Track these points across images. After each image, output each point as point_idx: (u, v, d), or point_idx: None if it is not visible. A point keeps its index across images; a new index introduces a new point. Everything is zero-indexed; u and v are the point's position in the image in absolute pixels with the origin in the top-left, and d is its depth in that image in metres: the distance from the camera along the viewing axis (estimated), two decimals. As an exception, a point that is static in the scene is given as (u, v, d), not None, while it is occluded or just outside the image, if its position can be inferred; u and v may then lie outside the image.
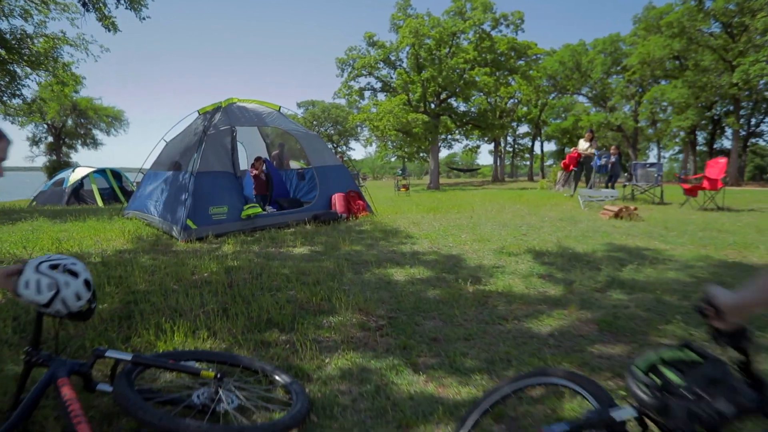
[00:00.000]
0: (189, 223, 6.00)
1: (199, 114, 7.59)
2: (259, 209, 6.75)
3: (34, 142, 39.27)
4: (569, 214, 8.51)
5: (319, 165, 7.79)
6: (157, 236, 6.33)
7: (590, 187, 10.97)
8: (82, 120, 39.16)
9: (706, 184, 9.43)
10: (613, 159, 11.03)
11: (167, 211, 6.55)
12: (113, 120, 40.37)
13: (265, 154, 9.40)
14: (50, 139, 39.24)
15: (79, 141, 40.63)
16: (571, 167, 12.15)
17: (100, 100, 39.10)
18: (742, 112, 33.50)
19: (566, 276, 4.17)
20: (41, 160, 39.73)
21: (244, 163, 8.83)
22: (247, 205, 6.65)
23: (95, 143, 40.63)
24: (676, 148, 46.47)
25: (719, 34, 24.26)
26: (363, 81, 26.39)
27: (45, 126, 38.24)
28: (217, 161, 6.64)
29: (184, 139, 7.53)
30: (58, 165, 34.95)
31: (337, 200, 7.52)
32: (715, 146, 37.66)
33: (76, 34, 13.20)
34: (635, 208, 7.58)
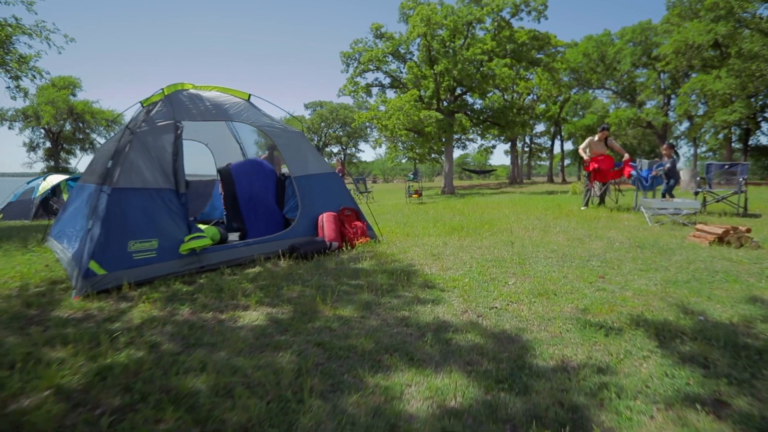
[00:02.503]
0: (93, 266, 3.95)
1: (143, 106, 5.55)
2: (208, 240, 4.66)
3: (32, 147, 37.92)
4: (642, 235, 6.30)
5: (300, 174, 5.69)
6: (53, 283, 4.29)
7: (664, 196, 8.66)
8: (80, 124, 37.68)
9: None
10: (668, 164, 8.70)
11: (75, 245, 4.53)
12: (112, 123, 38.83)
13: (236, 158, 7.31)
14: (48, 144, 37.85)
15: (78, 146, 39.18)
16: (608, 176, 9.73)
17: (98, 104, 37.61)
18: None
19: (752, 405, 2.01)
20: (39, 166, 38.41)
21: (205, 169, 6.78)
22: (190, 235, 4.57)
23: (93, 148, 39.13)
24: (704, 146, 43.65)
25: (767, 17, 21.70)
26: (370, 77, 24.36)
27: (42, 131, 36.84)
28: (148, 172, 4.58)
29: (115, 140, 5.51)
30: (56, 171, 33.53)
31: (326, 223, 5.42)
32: (750, 142, 34.93)
33: (35, 21, 11.35)
34: (748, 230, 5.36)
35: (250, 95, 5.91)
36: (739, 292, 3.64)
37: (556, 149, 49.33)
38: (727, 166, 8.60)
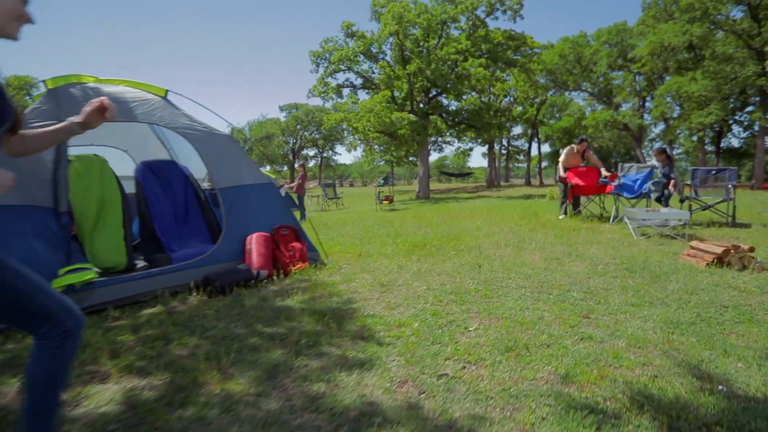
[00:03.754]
0: None
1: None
2: (92, 274, 3.64)
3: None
4: (628, 252, 5.51)
5: (227, 185, 4.71)
6: None
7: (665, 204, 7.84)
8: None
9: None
10: (673, 175, 7.95)
11: None
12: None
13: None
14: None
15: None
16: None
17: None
18: (749, 108, 31.03)
19: None
20: None
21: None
22: (68, 267, 3.56)
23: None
24: (679, 148, 43.95)
25: (742, 18, 21.56)
26: (341, 77, 23.36)
27: None
28: (18, 186, 3.53)
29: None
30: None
31: (254, 246, 4.45)
32: (722, 145, 35.17)
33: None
34: (750, 248, 4.60)
35: (167, 91, 4.91)
36: (759, 340, 2.83)
37: (534, 152, 49.23)
38: (714, 172, 7.93)
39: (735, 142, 37.72)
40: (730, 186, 7.67)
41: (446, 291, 3.97)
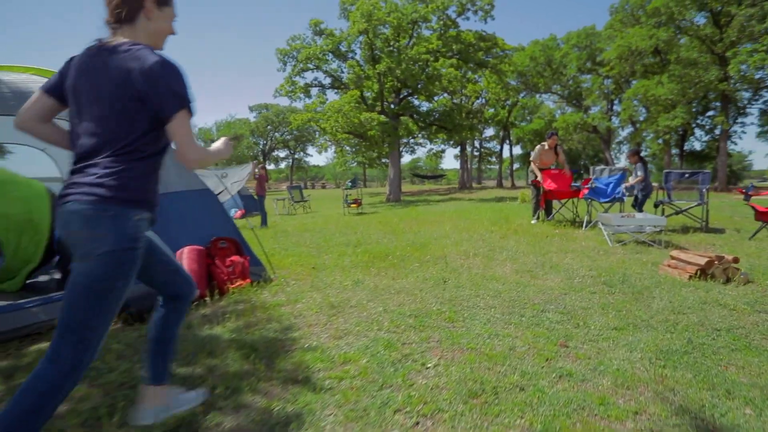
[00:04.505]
0: None
1: None
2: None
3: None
4: (604, 262, 5.11)
5: (154, 191, 4.05)
6: None
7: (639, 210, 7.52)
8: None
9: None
10: (640, 173, 7.63)
11: None
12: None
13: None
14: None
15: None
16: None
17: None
18: (711, 113, 31.90)
19: None
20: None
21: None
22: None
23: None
24: (646, 150, 44.90)
25: (705, 24, 21.97)
26: (310, 76, 22.65)
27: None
28: None
29: None
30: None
31: (184, 263, 3.82)
32: (685, 148, 36.03)
33: None
34: (735, 259, 4.25)
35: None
36: (763, 374, 2.41)
37: (505, 153, 49.56)
38: (687, 175, 7.70)
39: (697, 145, 38.71)
40: (703, 190, 7.44)
41: (405, 313, 3.44)
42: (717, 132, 31.42)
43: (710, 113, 32.25)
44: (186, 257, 3.84)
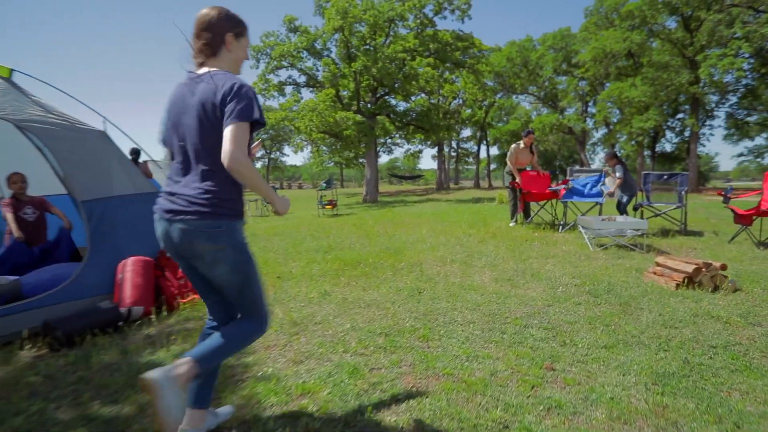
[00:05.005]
0: None
1: None
2: None
3: None
4: (587, 269, 4.88)
5: (93, 197, 3.61)
6: None
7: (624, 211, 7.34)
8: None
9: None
10: (619, 174, 7.45)
11: None
12: None
13: (35, 168, 5.00)
14: None
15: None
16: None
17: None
18: (681, 115, 32.66)
19: None
20: None
21: None
22: None
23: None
24: (620, 152, 45.74)
25: (676, 28, 22.34)
26: (284, 74, 22.08)
27: None
28: None
29: None
30: None
31: (128, 275, 3.40)
32: (656, 149, 36.78)
33: None
34: (722, 266, 4.05)
35: (12, 71, 3.76)
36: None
37: (482, 154, 49.79)
38: (665, 177, 7.59)
39: (668, 147, 39.58)
40: (682, 192, 7.33)
41: (375, 331, 3.10)
42: (686, 134, 32.20)
43: (680, 116, 33.02)
44: (129, 270, 3.41)
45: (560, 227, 7.64)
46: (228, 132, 1.64)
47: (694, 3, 20.40)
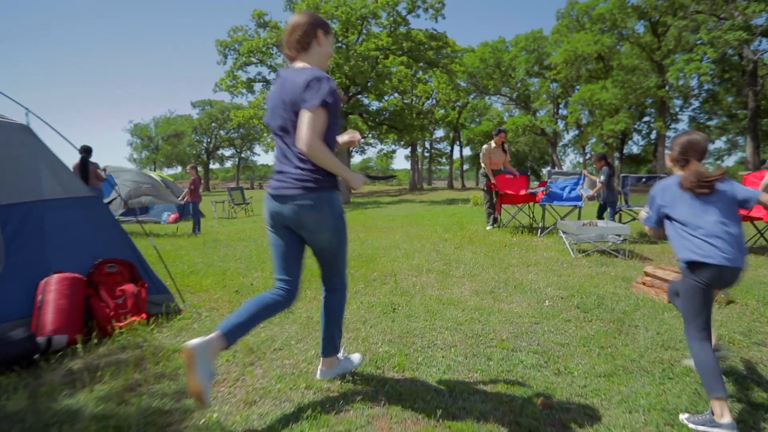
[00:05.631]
0: None
1: None
2: None
3: None
4: (572, 278, 4.59)
5: (10, 201, 3.07)
6: None
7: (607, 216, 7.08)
8: None
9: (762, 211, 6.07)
10: (602, 177, 7.21)
11: None
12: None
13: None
14: None
15: None
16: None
17: None
18: (647, 118, 33.51)
19: None
20: None
21: None
22: None
23: None
24: (582, 156, 46.66)
25: (644, 33, 22.72)
26: (253, 71, 21.36)
27: None
28: None
29: None
30: None
31: (48, 296, 2.87)
32: (624, 151, 37.61)
33: None
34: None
35: None
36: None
37: (456, 155, 49.92)
38: (644, 179, 7.45)
39: (635, 149, 40.54)
40: (660, 195, 7.17)
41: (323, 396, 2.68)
42: (653, 136, 33.01)
43: (646, 119, 33.85)
44: (53, 290, 2.88)
45: (539, 231, 7.40)
46: (304, 117, 1.88)
47: (662, 8, 20.76)
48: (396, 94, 28.43)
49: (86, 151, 7.91)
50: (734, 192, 2.09)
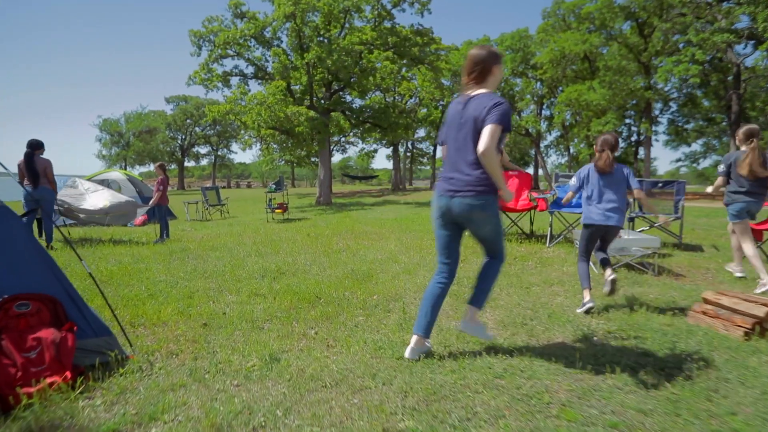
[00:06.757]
0: None
1: None
2: None
3: None
4: (615, 307, 3.87)
5: None
6: None
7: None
8: None
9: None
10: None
11: None
12: None
13: None
14: None
15: None
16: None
17: None
18: (628, 120, 33.53)
19: None
20: None
21: None
22: None
23: None
24: (564, 157, 46.74)
25: (631, 33, 22.48)
26: (230, 64, 20.17)
27: None
28: None
29: None
30: None
31: None
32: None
33: None
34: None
35: None
36: None
37: (438, 154, 49.36)
38: (660, 185, 6.84)
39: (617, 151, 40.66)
40: (677, 201, 6.58)
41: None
42: (633, 138, 33.04)
43: (627, 121, 33.90)
44: (-72, 344, 1.98)
45: (547, 240, 6.71)
46: (486, 130, 2.44)
47: (650, 9, 20.51)
48: (378, 92, 27.61)
49: (32, 146, 6.86)
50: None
